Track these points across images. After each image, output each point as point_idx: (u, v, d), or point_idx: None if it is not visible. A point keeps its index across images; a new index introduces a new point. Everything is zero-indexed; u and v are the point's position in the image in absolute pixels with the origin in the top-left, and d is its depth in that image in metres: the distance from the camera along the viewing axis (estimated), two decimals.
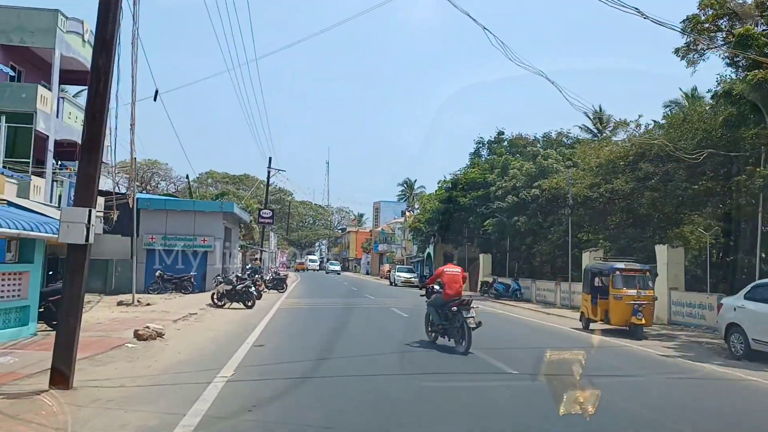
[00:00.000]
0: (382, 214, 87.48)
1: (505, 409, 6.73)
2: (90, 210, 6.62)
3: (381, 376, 8.31)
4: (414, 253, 56.95)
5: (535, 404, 6.86)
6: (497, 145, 44.29)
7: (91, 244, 6.74)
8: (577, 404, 6.08)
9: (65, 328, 6.56)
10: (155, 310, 17.18)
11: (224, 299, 20.02)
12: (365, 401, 6.76)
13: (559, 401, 6.19)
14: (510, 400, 7.17)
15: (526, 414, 6.54)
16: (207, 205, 29.10)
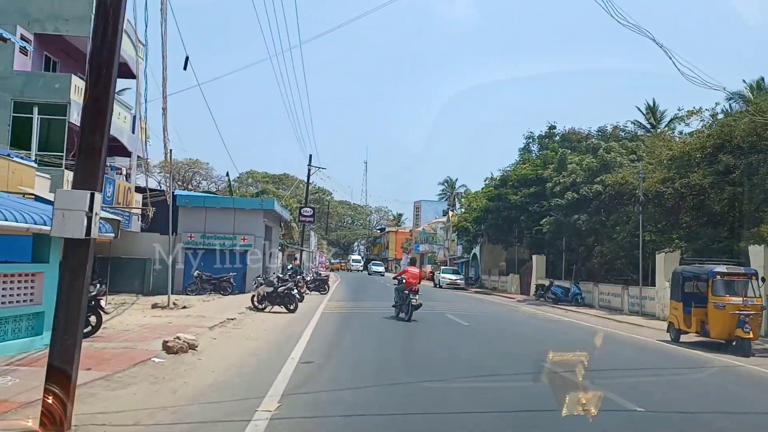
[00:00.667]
0: (423, 213, 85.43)
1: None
2: (93, 194, 4.98)
3: (471, 414, 6.44)
4: (458, 254, 54.80)
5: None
6: (549, 140, 41.89)
7: (95, 239, 5.10)
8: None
9: (60, 351, 4.95)
10: (191, 314, 15.74)
11: (265, 302, 18.51)
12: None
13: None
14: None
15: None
16: (247, 203, 27.80)
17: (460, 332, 14.45)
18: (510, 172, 38.93)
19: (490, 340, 13.63)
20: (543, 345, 12.32)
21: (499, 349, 12.03)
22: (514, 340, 13.50)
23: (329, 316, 17.30)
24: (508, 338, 14.06)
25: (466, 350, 11.53)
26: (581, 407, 5.87)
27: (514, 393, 7.63)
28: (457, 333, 14.31)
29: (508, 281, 39.54)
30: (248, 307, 18.69)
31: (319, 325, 14.41)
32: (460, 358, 10.65)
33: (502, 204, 37.69)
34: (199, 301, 21.23)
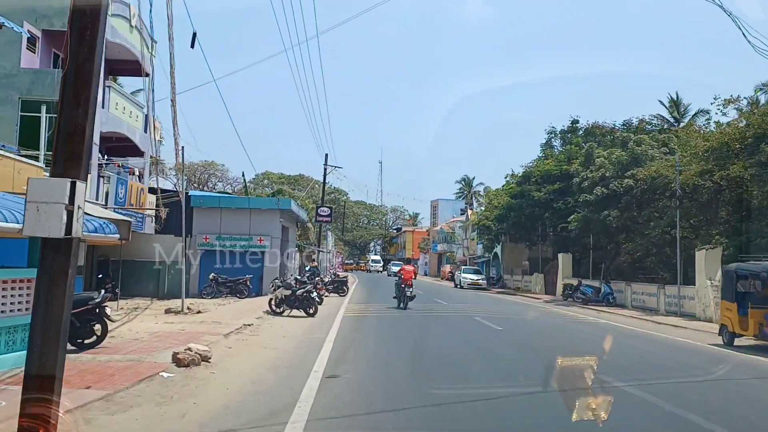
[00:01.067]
0: (440, 212, 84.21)
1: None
2: (74, 183, 4.02)
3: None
4: (478, 253, 53.55)
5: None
6: (572, 135, 40.56)
7: (81, 239, 4.13)
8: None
9: (37, 374, 4.00)
10: (205, 319, 14.84)
11: (283, 306, 17.59)
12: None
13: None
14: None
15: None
16: (263, 202, 26.96)
17: (495, 338, 13.36)
18: (533, 168, 37.67)
19: (529, 347, 12.54)
20: (589, 351, 11.21)
21: (542, 356, 10.94)
22: (556, 346, 12.35)
23: (351, 320, 16.32)
24: (548, 344, 12.92)
25: (506, 358, 10.48)
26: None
27: None
28: (492, 339, 13.21)
29: (532, 281, 38.30)
30: (265, 311, 17.79)
31: (341, 331, 13.43)
32: (501, 367, 9.61)
33: (525, 201, 36.47)
34: (214, 305, 20.37)
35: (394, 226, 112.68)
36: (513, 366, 9.61)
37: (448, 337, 13.09)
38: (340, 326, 14.45)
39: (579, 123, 40.97)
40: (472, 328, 14.97)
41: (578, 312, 23.00)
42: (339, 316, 17.45)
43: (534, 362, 10.05)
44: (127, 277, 26.06)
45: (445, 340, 12.78)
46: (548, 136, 42.77)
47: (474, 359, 9.61)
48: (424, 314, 18.51)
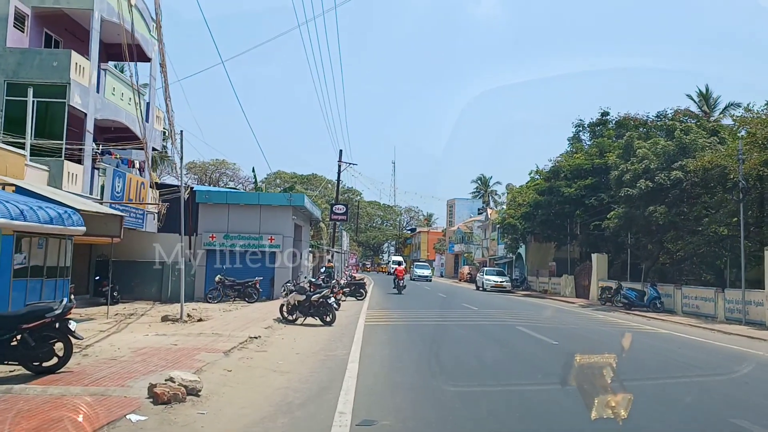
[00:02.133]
0: (456, 212, 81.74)
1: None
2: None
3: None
4: (499, 254, 51.10)
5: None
6: (602, 128, 38.06)
7: None
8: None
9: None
10: (205, 330, 12.66)
11: (296, 313, 15.40)
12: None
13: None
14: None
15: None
16: (274, 198, 24.86)
17: (555, 355, 11.00)
18: (562, 162, 35.17)
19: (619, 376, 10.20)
20: (687, 376, 8.87)
21: (630, 385, 8.59)
22: (637, 369, 9.82)
23: (375, 330, 14.06)
24: (634, 368, 10.30)
25: None
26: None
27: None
28: (552, 356, 10.86)
29: (562, 283, 35.81)
30: (276, 318, 15.62)
31: (366, 346, 11.18)
32: None
33: (554, 197, 34.02)
34: (220, 310, 18.23)
35: (408, 226, 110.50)
36: None
37: (500, 357, 10.67)
38: (364, 339, 12.20)
39: (609, 115, 38.51)
40: (523, 342, 12.52)
41: (625, 318, 20.55)
42: (360, 324, 15.22)
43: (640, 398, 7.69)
44: (128, 280, 24.06)
45: (497, 360, 10.36)
46: (576, 129, 40.26)
47: (560, 397, 6.98)
48: (459, 323, 16.20)
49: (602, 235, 32.07)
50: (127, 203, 21.05)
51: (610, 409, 4.07)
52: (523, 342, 12.20)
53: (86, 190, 19.18)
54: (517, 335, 13.59)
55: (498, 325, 15.76)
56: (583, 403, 4.36)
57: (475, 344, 11.27)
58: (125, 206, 20.91)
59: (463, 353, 10.66)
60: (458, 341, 12.39)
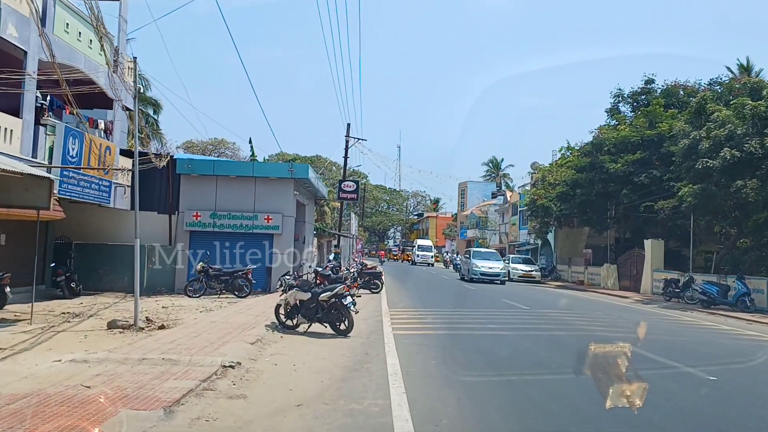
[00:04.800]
0: (468, 195, 77.09)
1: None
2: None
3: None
4: (520, 240, 46.63)
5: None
6: (646, 97, 33.41)
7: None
8: None
9: None
10: (160, 347, 8.28)
11: (297, 316, 11.05)
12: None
13: None
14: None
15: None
16: (272, 169, 20.45)
17: (717, 401, 6.64)
18: (606, 134, 30.53)
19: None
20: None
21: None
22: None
23: (413, 345, 9.65)
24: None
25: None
26: None
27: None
28: (712, 402, 6.51)
29: (602, 273, 31.34)
30: (270, 324, 11.27)
31: (412, 382, 6.78)
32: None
33: (597, 175, 29.48)
34: (197, 309, 13.86)
35: (415, 211, 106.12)
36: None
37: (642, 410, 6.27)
38: (403, 365, 7.81)
39: (654, 83, 33.84)
40: (658, 378, 8.03)
41: (717, 321, 16.15)
42: (386, 333, 10.86)
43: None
44: (95, 267, 19.71)
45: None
46: (614, 100, 35.50)
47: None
48: (522, 333, 11.68)
49: (654, 218, 27.63)
50: (87, 171, 16.71)
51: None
52: (660, 379, 7.72)
53: (27, 151, 14.73)
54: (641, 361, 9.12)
55: (581, 336, 11.34)
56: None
57: (589, 386, 6.81)
58: (83, 174, 16.58)
59: (588, 403, 6.22)
60: (555, 371, 7.96)
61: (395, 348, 9.09)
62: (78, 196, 16.45)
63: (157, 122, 36.01)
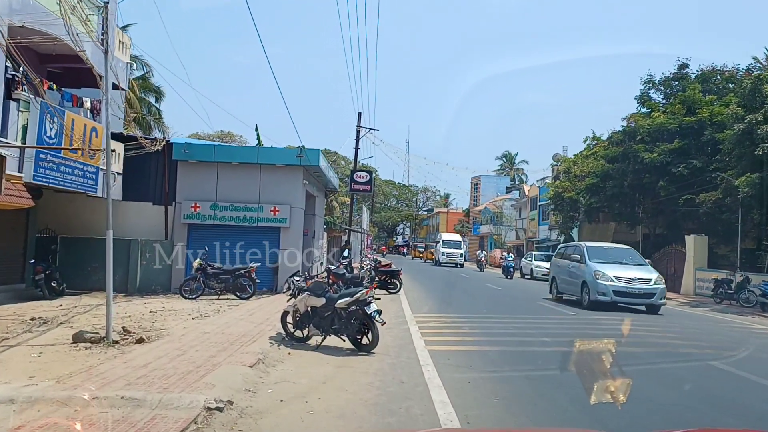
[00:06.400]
0: (482, 190, 74.66)
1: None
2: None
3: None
4: (540, 235, 44.37)
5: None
6: (679, 83, 31.04)
7: None
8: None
9: None
10: (129, 373, 6.22)
11: (307, 326, 8.97)
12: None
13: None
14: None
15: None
16: (280, 155, 18.33)
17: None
18: (640, 121, 28.21)
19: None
20: None
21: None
22: None
23: (457, 367, 7.52)
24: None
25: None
26: None
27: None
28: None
29: None
30: (275, 335, 9.20)
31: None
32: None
33: (630, 165, 27.23)
34: (190, 315, 11.78)
35: (424, 207, 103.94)
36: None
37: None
38: (455, 402, 5.70)
39: (689, 67, 31.47)
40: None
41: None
42: (418, 347, 8.78)
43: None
44: (82, 263, 17.64)
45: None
46: (644, 86, 33.09)
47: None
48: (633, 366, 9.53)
49: (693, 212, 25.39)
50: (70, 155, 14.69)
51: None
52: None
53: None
54: (746, 391, 6.96)
55: (665, 354, 9.16)
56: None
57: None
58: (66, 159, 14.55)
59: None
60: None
61: (437, 374, 6.97)
62: (58, 183, 14.42)
63: (159, 111, 34.03)
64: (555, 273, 18.86)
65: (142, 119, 29.52)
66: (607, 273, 15.49)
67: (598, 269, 15.71)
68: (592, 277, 15.61)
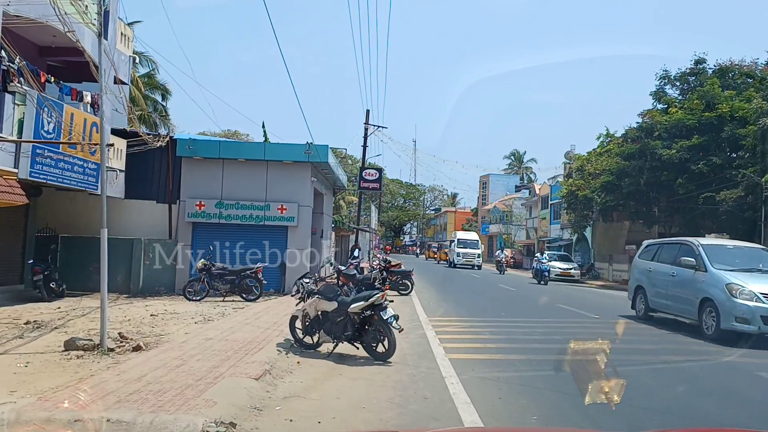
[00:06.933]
0: (490, 189, 73.83)
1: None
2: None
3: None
4: (551, 234, 43.57)
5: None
6: (696, 78, 30.16)
7: None
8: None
9: None
10: (120, 388, 5.57)
11: (318, 332, 8.32)
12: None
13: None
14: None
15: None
16: (286, 151, 17.67)
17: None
18: (657, 117, 27.39)
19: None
20: None
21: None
22: None
23: (487, 383, 6.80)
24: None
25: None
26: None
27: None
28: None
29: None
30: (283, 342, 8.54)
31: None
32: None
33: (647, 162, 26.41)
34: (193, 318, 11.14)
35: (431, 206, 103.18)
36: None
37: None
38: (487, 422, 5.00)
39: (706, 62, 30.59)
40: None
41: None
42: (440, 357, 8.10)
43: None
44: (83, 263, 17.07)
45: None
46: (659, 82, 32.22)
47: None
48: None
49: (713, 210, 24.58)
50: (69, 150, 14.09)
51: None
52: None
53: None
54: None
55: (717, 367, 8.42)
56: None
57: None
58: (64, 155, 13.96)
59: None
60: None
61: (463, 388, 6.27)
62: (57, 180, 13.83)
63: (165, 109, 33.53)
64: (642, 281, 13.49)
65: (148, 117, 29.01)
66: (748, 287, 10.25)
67: (733, 281, 10.45)
68: (724, 294, 10.38)
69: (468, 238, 42.11)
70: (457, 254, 39.78)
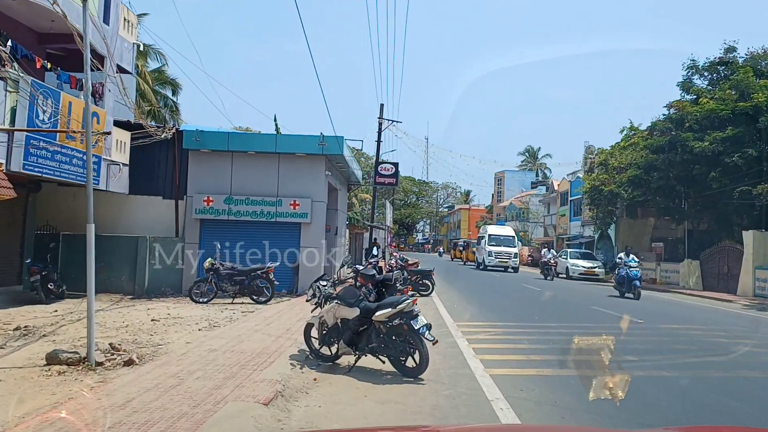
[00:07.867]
0: (506, 185, 72.41)
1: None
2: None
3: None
4: (572, 232, 42.18)
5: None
6: (726, 67, 28.66)
7: None
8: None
9: None
10: (98, 419, 4.51)
11: (337, 342, 7.23)
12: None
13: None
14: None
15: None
16: (299, 143, 16.60)
17: None
18: (687, 108, 25.99)
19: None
20: None
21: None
22: None
23: (543, 408, 5.68)
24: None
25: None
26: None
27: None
28: None
29: (682, 271, 26.86)
30: (296, 354, 7.48)
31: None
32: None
33: (677, 155, 25.04)
34: (197, 324, 10.09)
35: (445, 204, 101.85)
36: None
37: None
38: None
39: (736, 51, 29.06)
40: None
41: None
42: (479, 373, 7.01)
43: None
44: (85, 263, 16.21)
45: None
46: (687, 72, 30.73)
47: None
48: (706, 379, 7.53)
49: (746, 204, 23.22)
50: (67, 142, 13.12)
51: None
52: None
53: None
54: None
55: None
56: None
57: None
58: (62, 146, 12.99)
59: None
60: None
61: (515, 415, 5.15)
62: (53, 173, 12.88)
63: (176, 104, 32.67)
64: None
65: (158, 112, 28.16)
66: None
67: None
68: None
69: (502, 233, 35.35)
70: (488, 253, 33.62)
